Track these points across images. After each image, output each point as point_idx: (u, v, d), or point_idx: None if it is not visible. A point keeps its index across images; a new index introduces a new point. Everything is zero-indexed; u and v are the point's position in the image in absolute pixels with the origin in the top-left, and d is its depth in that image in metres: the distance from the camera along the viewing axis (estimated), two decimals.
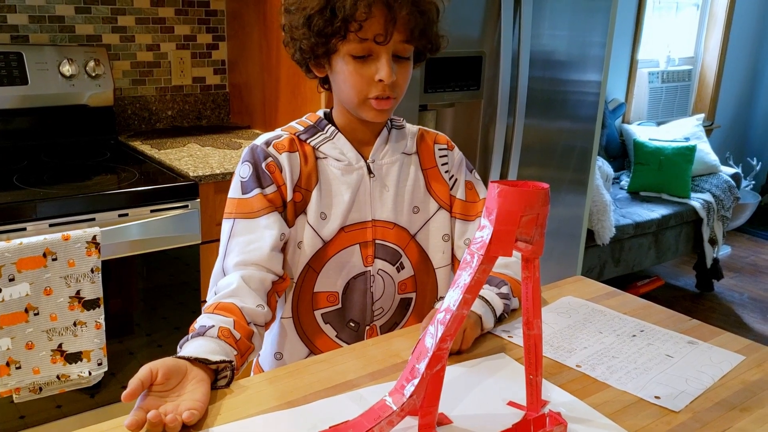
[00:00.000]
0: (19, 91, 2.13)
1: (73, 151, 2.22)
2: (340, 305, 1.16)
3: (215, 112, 2.66)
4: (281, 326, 1.18)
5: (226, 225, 1.11)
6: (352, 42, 1.05)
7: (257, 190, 1.10)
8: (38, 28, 2.23)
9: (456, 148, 1.26)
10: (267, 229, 1.09)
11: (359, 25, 1.02)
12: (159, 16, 2.46)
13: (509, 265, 1.22)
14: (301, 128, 1.17)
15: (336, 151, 1.15)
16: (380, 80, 1.05)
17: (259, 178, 1.11)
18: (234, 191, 1.12)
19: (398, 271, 1.18)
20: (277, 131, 1.17)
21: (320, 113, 1.19)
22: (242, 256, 1.07)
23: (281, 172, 1.11)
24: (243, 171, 1.12)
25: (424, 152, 1.22)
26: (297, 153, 1.14)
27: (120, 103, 2.43)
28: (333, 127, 1.16)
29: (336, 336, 1.17)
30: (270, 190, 1.11)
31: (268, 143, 1.14)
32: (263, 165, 1.11)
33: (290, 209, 1.12)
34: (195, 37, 2.56)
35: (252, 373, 1.25)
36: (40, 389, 1.71)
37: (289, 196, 1.12)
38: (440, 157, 1.23)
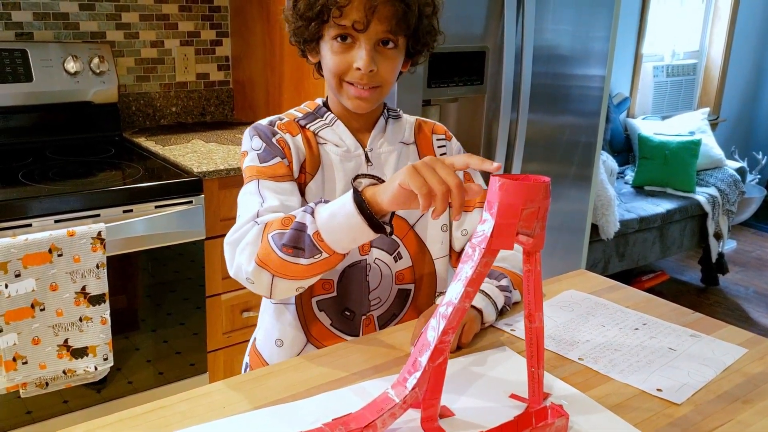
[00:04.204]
0: (24, 88, 2.14)
1: (77, 147, 2.23)
2: (335, 293, 1.16)
3: (219, 108, 2.66)
4: (282, 312, 1.17)
5: (251, 185, 1.08)
6: (333, 28, 1.06)
7: (278, 159, 1.10)
8: (42, 25, 2.24)
9: (453, 138, 1.26)
10: (293, 195, 1.08)
11: (339, 11, 1.04)
12: (163, 12, 2.46)
13: (506, 258, 1.22)
14: (300, 114, 1.17)
15: (335, 137, 1.15)
16: (358, 68, 1.06)
17: (273, 150, 1.11)
18: (251, 161, 1.11)
19: (395, 261, 1.18)
20: (277, 116, 1.17)
21: (318, 101, 1.19)
22: (281, 208, 1.05)
23: (290, 150, 1.12)
24: (255, 143, 1.11)
25: (423, 142, 1.22)
26: (300, 136, 1.14)
27: (124, 100, 2.44)
28: (332, 115, 1.16)
29: (330, 324, 1.17)
30: (286, 161, 1.11)
31: (272, 123, 1.15)
32: (274, 140, 1.11)
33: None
34: (199, 34, 2.56)
35: (248, 359, 1.25)
36: (47, 384, 1.73)
37: (295, 175, 1.12)
38: (438, 147, 1.23)
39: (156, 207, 1.87)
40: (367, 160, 1.16)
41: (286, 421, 0.86)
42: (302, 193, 1.12)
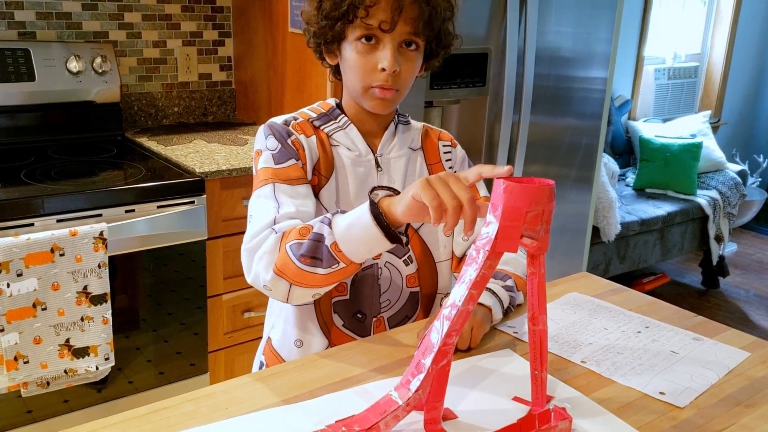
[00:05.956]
0: (27, 87, 2.14)
1: (79, 147, 2.23)
2: (348, 296, 1.17)
3: (221, 108, 2.66)
4: (302, 313, 1.17)
5: (266, 188, 1.08)
6: (358, 28, 1.06)
7: (292, 161, 1.10)
8: (45, 25, 2.24)
9: (459, 146, 1.28)
10: (307, 199, 1.09)
11: (366, 11, 1.04)
12: (165, 12, 2.46)
13: (509, 261, 1.23)
14: (314, 115, 1.18)
15: (348, 140, 1.16)
16: (383, 69, 1.06)
17: (288, 151, 1.11)
18: (265, 162, 1.10)
19: (406, 265, 1.19)
20: (291, 114, 1.18)
21: (332, 102, 1.20)
22: (297, 214, 1.05)
23: (304, 151, 1.12)
24: (270, 144, 1.11)
25: (429, 148, 1.23)
26: (314, 137, 1.14)
27: (126, 100, 2.44)
28: (346, 117, 1.17)
29: (343, 325, 1.18)
30: (300, 163, 1.11)
31: (287, 123, 1.14)
32: (289, 141, 1.11)
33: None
34: (201, 34, 2.56)
35: (264, 357, 1.25)
36: (48, 384, 1.73)
37: (308, 177, 1.12)
38: (444, 153, 1.24)
39: (158, 207, 1.87)
40: (377, 165, 1.16)
41: (289, 422, 0.86)
42: (315, 195, 1.12)
